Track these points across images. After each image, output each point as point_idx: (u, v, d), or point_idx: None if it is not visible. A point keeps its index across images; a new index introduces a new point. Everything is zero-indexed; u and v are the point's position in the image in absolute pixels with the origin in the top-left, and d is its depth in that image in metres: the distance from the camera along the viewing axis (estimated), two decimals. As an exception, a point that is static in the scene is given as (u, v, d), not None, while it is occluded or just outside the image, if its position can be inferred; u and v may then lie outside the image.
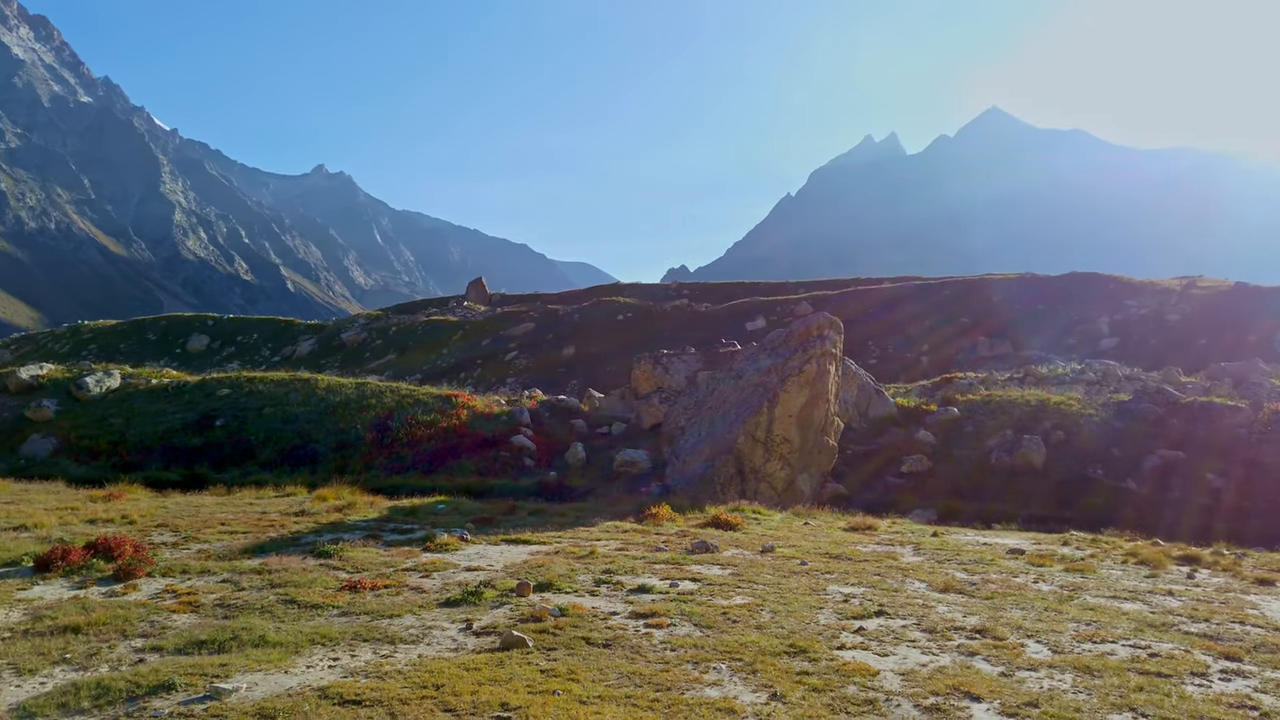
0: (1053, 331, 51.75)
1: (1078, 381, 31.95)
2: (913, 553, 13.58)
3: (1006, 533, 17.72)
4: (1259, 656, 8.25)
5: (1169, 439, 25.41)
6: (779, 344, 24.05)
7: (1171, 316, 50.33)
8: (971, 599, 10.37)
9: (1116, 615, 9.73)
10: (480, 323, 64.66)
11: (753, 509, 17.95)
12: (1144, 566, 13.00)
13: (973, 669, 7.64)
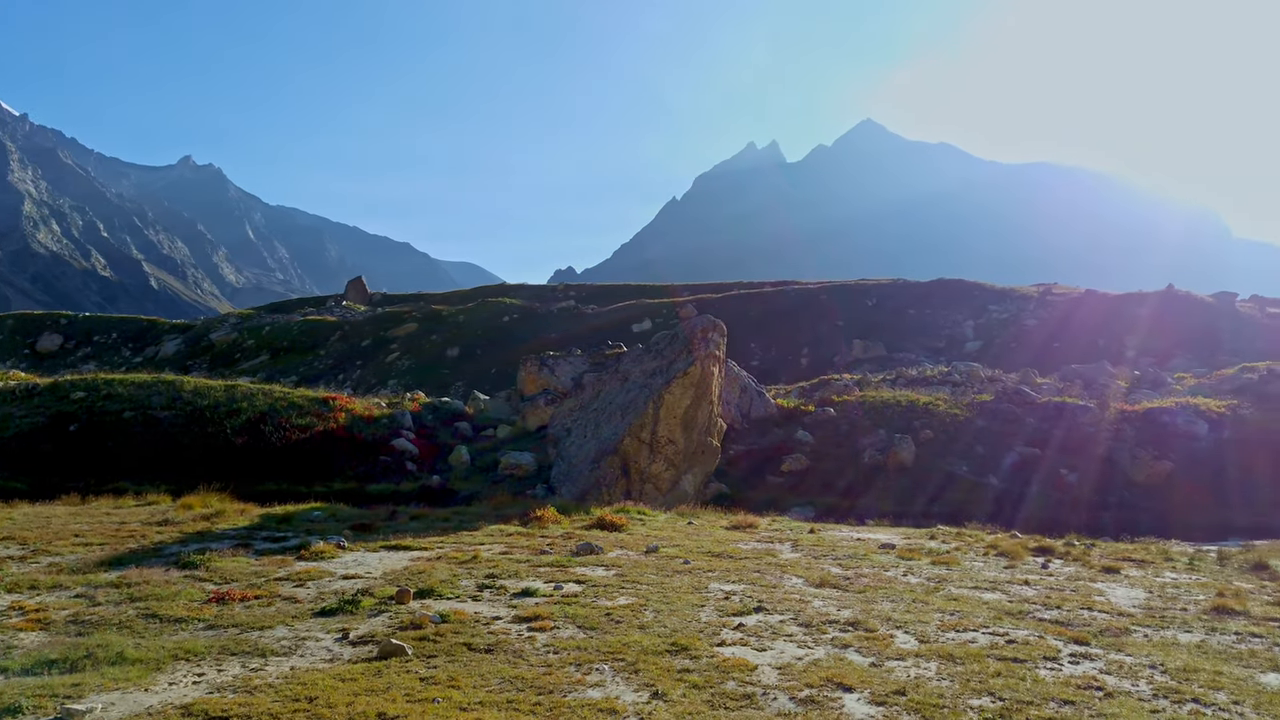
0: (922, 335, 54.14)
1: (945, 383, 33.51)
2: (791, 549, 13.97)
3: (879, 528, 18.43)
4: (1104, 640, 8.86)
5: (1027, 437, 26.97)
6: (664, 346, 24.33)
7: (1029, 321, 53.41)
8: (846, 593, 10.74)
9: (978, 605, 10.27)
10: (360, 323, 62.87)
11: (638, 510, 18.09)
12: (1003, 558, 13.76)
13: (845, 661, 7.93)
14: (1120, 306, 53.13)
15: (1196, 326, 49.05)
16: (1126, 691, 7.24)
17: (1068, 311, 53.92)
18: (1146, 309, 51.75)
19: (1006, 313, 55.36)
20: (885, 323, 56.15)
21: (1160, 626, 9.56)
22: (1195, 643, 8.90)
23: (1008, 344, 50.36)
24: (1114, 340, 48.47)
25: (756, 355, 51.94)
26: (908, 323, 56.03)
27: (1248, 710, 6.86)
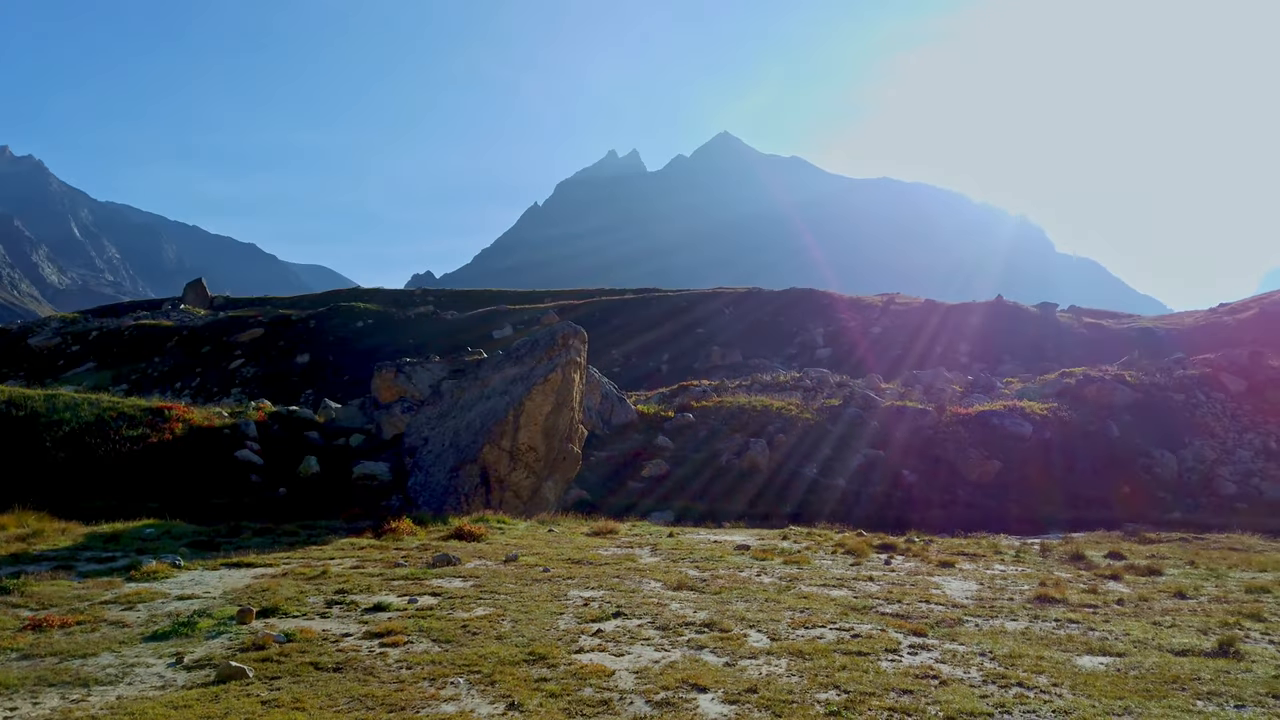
0: (777, 342, 55.95)
1: (797, 388, 34.73)
2: (650, 553, 14.12)
3: (736, 530, 18.91)
4: (939, 631, 9.39)
5: (871, 439, 28.29)
6: (526, 353, 24.15)
7: (875, 329, 56.10)
8: (702, 595, 10.95)
9: (826, 602, 10.68)
10: (200, 328, 59.38)
11: (498, 519, 17.88)
12: (850, 556, 14.38)
13: (701, 661, 8.08)
14: (956, 315, 56.53)
15: (1023, 334, 52.82)
16: (959, 679, 7.69)
17: (909, 320, 56.95)
18: (979, 318, 55.33)
19: (854, 321, 57.90)
20: (742, 330, 57.70)
21: (990, 616, 10.22)
22: (1020, 630, 9.56)
23: (855, 351, 52.69)
24: (950, 347, 51.56)
25: (618, 362, 52.34)
26: (763, 330, 57.77)
27: (1065, 691, 7.42)
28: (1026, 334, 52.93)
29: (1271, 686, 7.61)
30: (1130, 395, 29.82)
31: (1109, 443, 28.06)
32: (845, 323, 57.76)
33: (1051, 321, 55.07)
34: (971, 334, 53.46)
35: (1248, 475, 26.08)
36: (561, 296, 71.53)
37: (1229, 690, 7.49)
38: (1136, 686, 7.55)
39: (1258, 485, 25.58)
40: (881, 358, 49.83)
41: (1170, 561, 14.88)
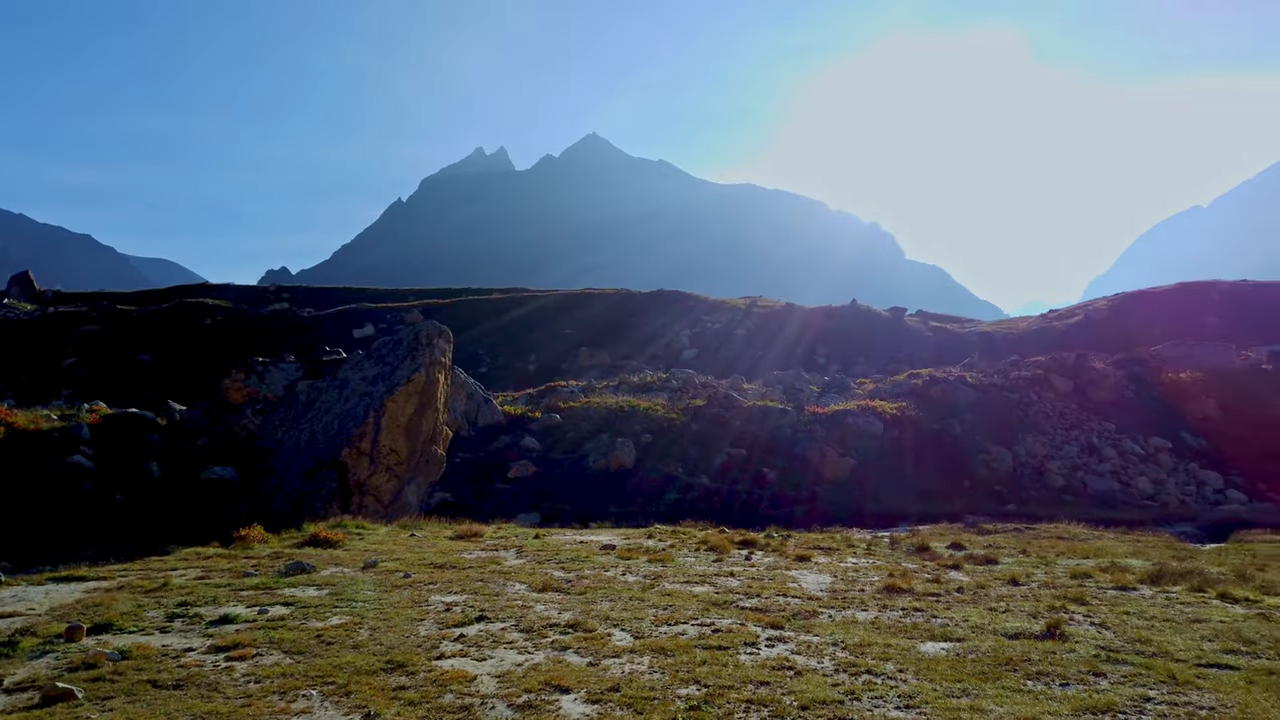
0: (644, 343, 56.56)
1: (664, 389, 35.22)
2: (516, 555, 14.00)
3: (602, 530, 18.99)
4: (796, 623, 9.72)
5: (734, 438, 29.00)
6: (387, 352, 23.49)
7: (739, 331, 57.55)
8: (568, 596, 10.94)
9: (689, 598, 10.87)
10: (26, 324, 54.87)
11: (356, 524, 17.31)
12: (713, 552, 14.69)
13: (564, 663, 8.07)
14: (814, 318, 58.70)
15: (875, 337, 55.36)
16: (813, 669, 7.98)
17: (771, 322, 58.71)
18: (835, 321, 57.64)
19: (719, 323, 59.21)
20: (610, 331, 58.02)
21: (843, 607, 10.65)
22: (870, 620, 10.01)
23: (720, 352, 53.90)
24: (808, 349, 53.48)
25: (485, 362, 51.65)
26: (630, 331, 58.27)
27: (909, 676, 7.82)
28: (879, 336, 55.52)
29: (1092, 665, 8.24)
30: (971, 395, 31.71)
31: (952, 440, 29.75)
32: (711, 325, 58.99)
33: (901, 325, 57.94)
34: (829, 336, 55.65)
35: (1074, 469, 28.19)
36: (426, 295, 70.00)
37: (1055, 670, 8.07)
38: (974, 669, 8.03)
39: (1083, 478, 27.69)
40: (745, 359, 51.18)
41: (1005, 551, 15.92)
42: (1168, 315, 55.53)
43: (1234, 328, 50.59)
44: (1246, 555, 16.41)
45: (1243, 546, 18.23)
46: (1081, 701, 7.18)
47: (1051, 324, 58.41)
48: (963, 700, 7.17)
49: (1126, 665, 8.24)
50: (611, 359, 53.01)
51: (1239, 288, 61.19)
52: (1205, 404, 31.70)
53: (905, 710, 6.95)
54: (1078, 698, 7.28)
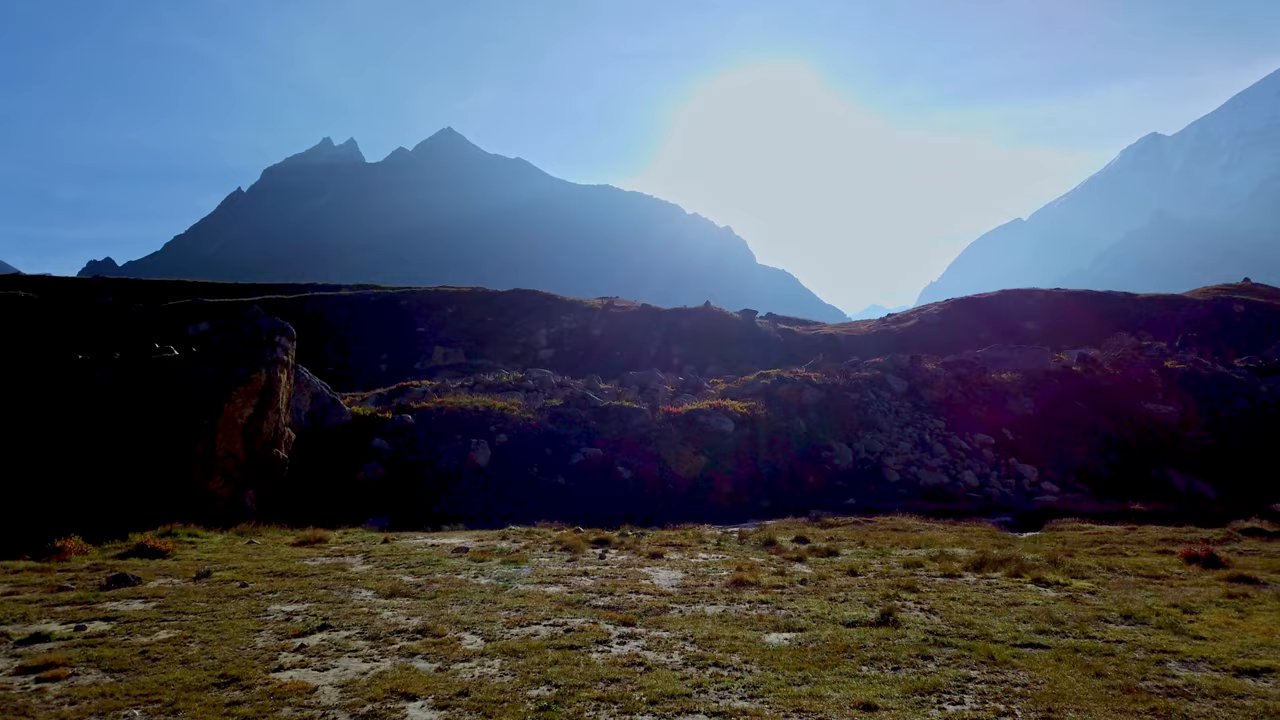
0: (500, 342, 55.97)
1: (519, 389, 34.92)
2: (363, 561, 13.57)
3: (455, 533, 18.66)
4: (647, 619, 9.87)
5: (590, 438, 29.10)
6: (225, 350, 22.27)
7: (595, 331, 57.83)
8: (417, 601, 10.69)
9: (542, 599, 10.84)
10: None
11: (189, 532, 16.35)
12: (568, 552, 14.70)
13: (412, 669, 7.88)
14: (669, 319, 59.70)
15: (727, 338, 56.86)
16: (663, 664, 8.13)
17: (627, 322, 59.30)
18: (689, 322, 58.81)
19: (576, 323, 59.31)
20: (465, 330, 57.08)
21: (693, 602, 10.89)
22: (718, 614, 10.28)
23: (577, 352, 54.00)
24: (663, 349, 54.35)
25: (332, 361, 49.72)
26: (486, 330, 57.53)
27: (754, 667, 8.08)
28: (731, 337, 57.05)
29: (921, 649, 8.76)
30: (816, 394, 33.06)
31: (799, 437, 30.93)
32: (568, 324, 59.00)
33: (752, 327, 59.75)
34: (684, 337, 56.72)
35: (908, 464, 29.85)
36: (269, 290, 66.75)
37: (888, 655, 8.54)
38: (814, 658, 8.39)
39: (915, 473, 29.36)
40: (601, 359, 51.48)
41: (845, 543, 16.68)
42: (991, 320, 59.68)
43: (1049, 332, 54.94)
44: (1057, 542, 17.84)
45: (1054, 534, 19.81)
46: (911, 684, 7.63)
47: (890, 327, 61.67)
48: (803, 688, 7.47)
49: (952, 648, 8.81)
50: (467, 358, 52.16)
51: (1053, 295, 66.41)
52: (1023, 402, 34.27)
53: (749, 700, 7.18)
54: (908, 680, 7.73)
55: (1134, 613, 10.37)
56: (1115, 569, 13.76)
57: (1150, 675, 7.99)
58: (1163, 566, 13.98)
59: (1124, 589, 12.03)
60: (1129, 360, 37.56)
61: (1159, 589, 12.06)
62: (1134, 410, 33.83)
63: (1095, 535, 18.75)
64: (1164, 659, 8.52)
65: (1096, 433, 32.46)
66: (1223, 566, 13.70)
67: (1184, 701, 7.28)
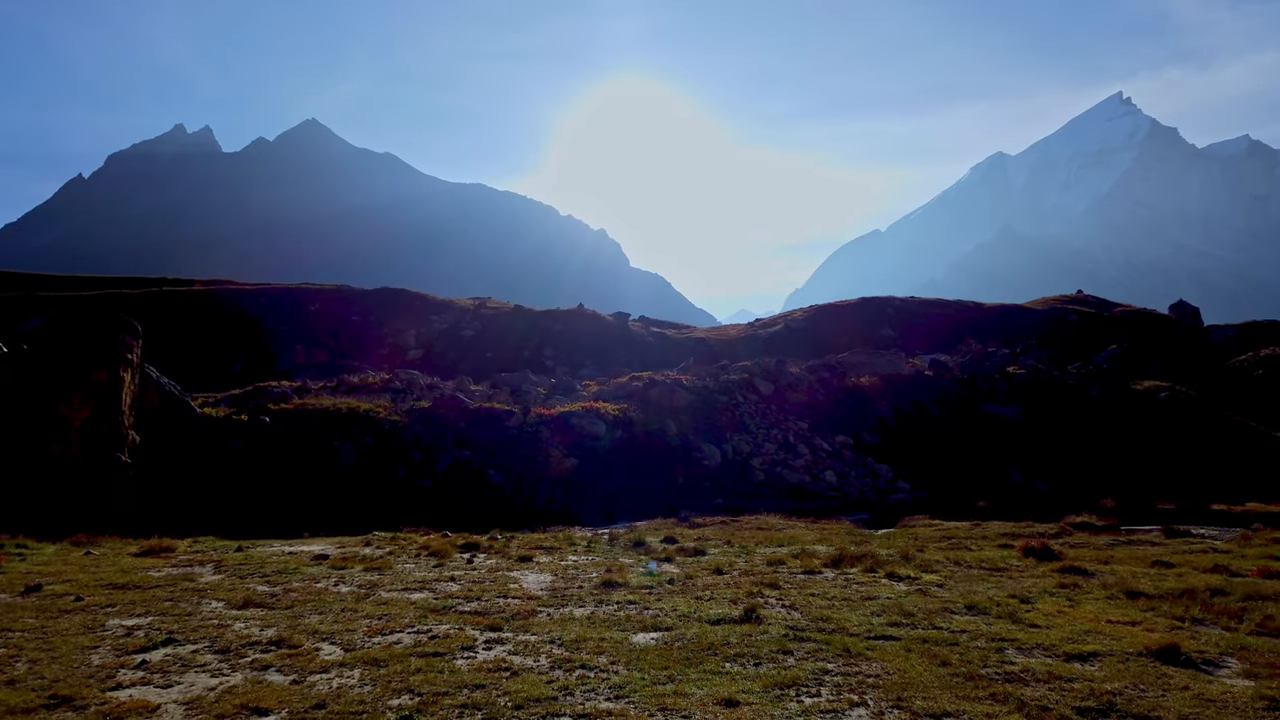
0: (367, 342, 54.32)
1: (387, 390, 34.00)
2: (214, 571, 12.90)
3: (316, 540, 17.98)
4: (514, 624, 9.78)
5: (460, 440, 28.64)
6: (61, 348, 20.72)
7: (466, 332, 56.93)
8: (272, 611, 10.25)
9: (406, 606, 10.58)
10: None
11: (17, 543, 15.15)
12: (434, 557, 14.41)
13: (265, 683, 7.55)
14: (541, 321, 59.42)
15: (600, 340, 57.07)
16: (530, 668, 8.08)
17: (500, 323, 58.67)
18: (561, 324, 58.70)
19: (446, 323, 58.22)
20: (329, 329, 55.10)
21: (561, 605, 10.87)
22: (586, 615, 10.30)
23: (447, 353, 53.02)
24: (536, 351, 54.05)
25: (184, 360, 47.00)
26: (352, 330, 55.73)
27: (621, 667, 8.14)
28: (604, 340, 57.28)
29: (781, 644, 9.03)
30: (687, 397, 33.62)
31: (669, 439, 31.36)
32: (438, 325, 57.86)
33: (625, 329, 60.19)
34: (556, 339, 56.57)
35: (773, 464, 30.75)
36: (112, 284, 62.55)
37: (750, 651, 8.76)
38: (679, 656, 8.52)
39: (780, 473, 30.27)
40: (473, 360, 50.72)
41: (712, 542, 17.03)
42: (852, 326, 62.19)
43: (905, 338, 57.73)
44: (910, 538, 18.76)
45: (907, 531, 20.82)
46: (771, 678, 7.85)
47: (758, 332, 63.36)
48: (668, 686, 7.58)
49: (810, 642, 9.12)
50: (331, 358, 50.36)
51: (909, 303, 69.80)
52: (880, 405, 35.89)
53: (615, 700, 7.23)
54: (768, 675, 7.95)
55: (977, 604, 11.01)
56: (961, 563, 14.58)
57: (990, 663, 8.50)
58: (1003, 559, 14.91)
59: (969, 581, 12.76)
60: (976, 365, 39.88)
61: (1000, 581, 12.86)
62: (980, 412, 35.96)
63: (944, 531, 19.81)
64: (1003, 647, 9.09)
65: (947, 433, 34.32)
66: (1056, 558, 14.74)
67: (1020, 686, 7.79)
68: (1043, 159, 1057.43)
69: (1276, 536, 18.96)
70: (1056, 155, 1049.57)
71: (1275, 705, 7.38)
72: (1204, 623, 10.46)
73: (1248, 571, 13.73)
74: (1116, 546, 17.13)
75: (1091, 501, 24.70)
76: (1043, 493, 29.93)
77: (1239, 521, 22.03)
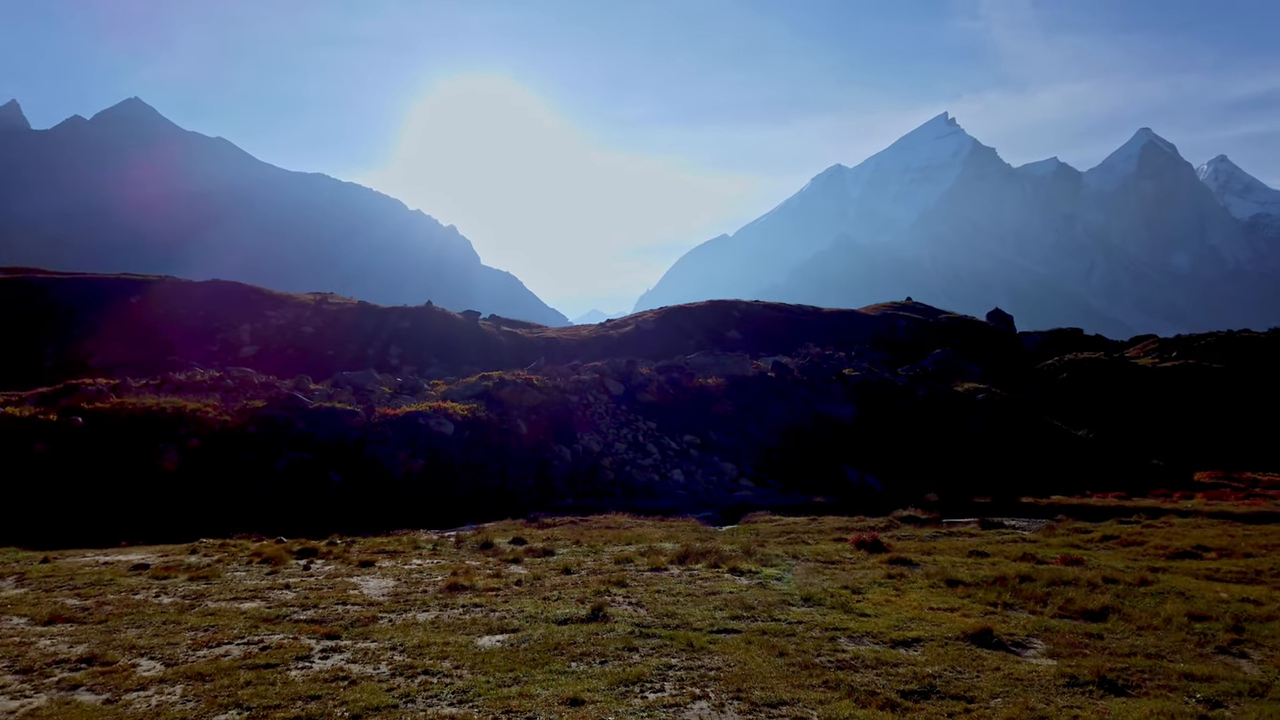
0: (195, 338, 51.10)
1: (217, 388, 32.09)
2: (15, 584, 11.83)
3: (134, 548, 16.80)
4: (354, 631, 9.45)
5: (298, 442, 27.40)
6: None
7: (306, 329, 54.52)
8: (83, 626, 9.49)
9: (236, 616, 10.02)
10: None
11: None
12: (268, 564, 13.72)
13: (74, 703, 6.98)
14: (388, 318, 57.66)
15: (449, 339, 55.97)
16: (369, 676, 7.82)
17: (343, 320, 56.51)
18: (409, 322, 57.18)
19: (284, 319, 55.57)
20: (151, 323, 51.50)
21: (404, 610, 10.58)
22: (431, 620, 10.07)
23: (285, 351, 50.59)
24: (381, 349, 52.42)
25: (-20, 355, 42.80)
26: (179, 325, 52.30)
27: (465, 671, 8.00)
28: (454, 339, 56.21)
29: (627, 641, 9.13)
30: (537, 397, 33.46)
31: (518, 439, 31.12)
32: (275, 321, 55.13)
33: (475, 328, 59.29)
34: (403, 337, 55.04)
35: (623, 464, 31.05)
36: (-104, 270, 56.20)
37: (597, 649, 8.81)
38: (526, 657, 8.47)
39: (630, 473, 30.61)
40: (314, 358, 48.60)
41: (561, 542, 17.02)
42: (701, 328, 63.64)
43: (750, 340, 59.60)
44: (752, 534, 19.38)
45: (750, 526, 21.50)
46: (617, 675, 7.93)
47: (609, 332, 63.81)
48: (513, 688, 7.52)
49: (655, 638, 9.27)
50: (154, 354, 47.04)
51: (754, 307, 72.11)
52: (726, 405, 36.90)
53: (459, 705, 7.10)
54: (614, 673, 8.02)
55: (813, 595, 11.50)
56: (799, 556, 15.20)
57: (824, 651, 8.90)
58: (838, 552, 15.65)
59: (806, 574, 13.32)
60: (815, 367, 41.65)
61: (834, 573, 13.48)
62: (818, 412, 37.59)
63: (783, 526, 20.58)
64: (836, 636, 9.53)
65: (788, 433, 35.68)
66: (885, 550, 15.60)
67: (851, 673, 8.19)
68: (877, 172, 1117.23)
69: (1077, 526, 20.80)
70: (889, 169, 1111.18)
71: (1074, 681, 8.08)
72: (1014, 607, 11.33)
73: (1052, 559, 14.99)
74: (939, 538, 18.31)
75: (918, 496, 26.25)
76: (875, 488, 31.59)
77: (1045, 513, 24.01)
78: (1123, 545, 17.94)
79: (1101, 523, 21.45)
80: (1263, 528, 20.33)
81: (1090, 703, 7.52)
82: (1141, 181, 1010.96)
